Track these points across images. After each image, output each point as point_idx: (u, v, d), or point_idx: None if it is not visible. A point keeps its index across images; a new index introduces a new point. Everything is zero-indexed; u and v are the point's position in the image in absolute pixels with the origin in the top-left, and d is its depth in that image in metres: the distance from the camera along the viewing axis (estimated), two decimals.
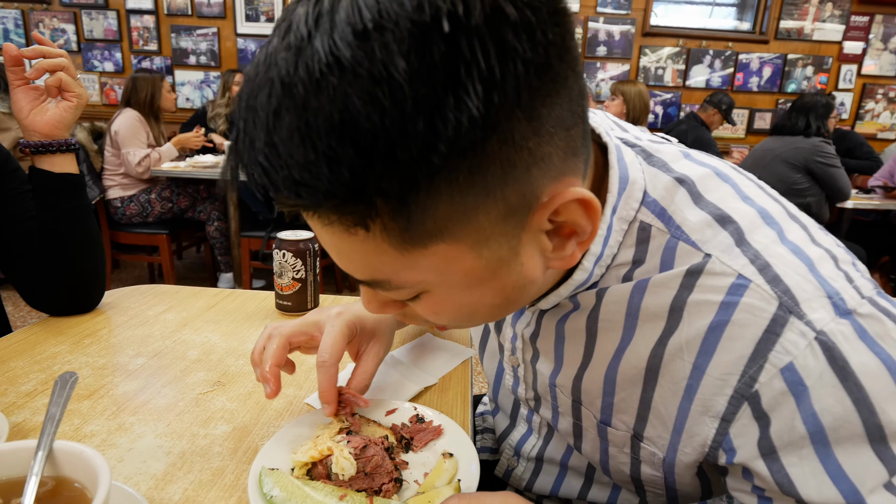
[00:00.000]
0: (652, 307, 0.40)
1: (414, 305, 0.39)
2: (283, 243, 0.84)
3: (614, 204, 0.41)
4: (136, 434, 0.53)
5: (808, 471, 0.35)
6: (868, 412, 0.33)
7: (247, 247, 2.78)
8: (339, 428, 0.51)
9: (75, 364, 0.66)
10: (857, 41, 4.14)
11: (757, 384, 0.35)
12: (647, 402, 0.42)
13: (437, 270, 0.34)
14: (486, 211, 0.32)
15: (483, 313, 0.40)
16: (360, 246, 0.32)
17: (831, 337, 0.34)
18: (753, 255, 0.37)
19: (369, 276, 0.36)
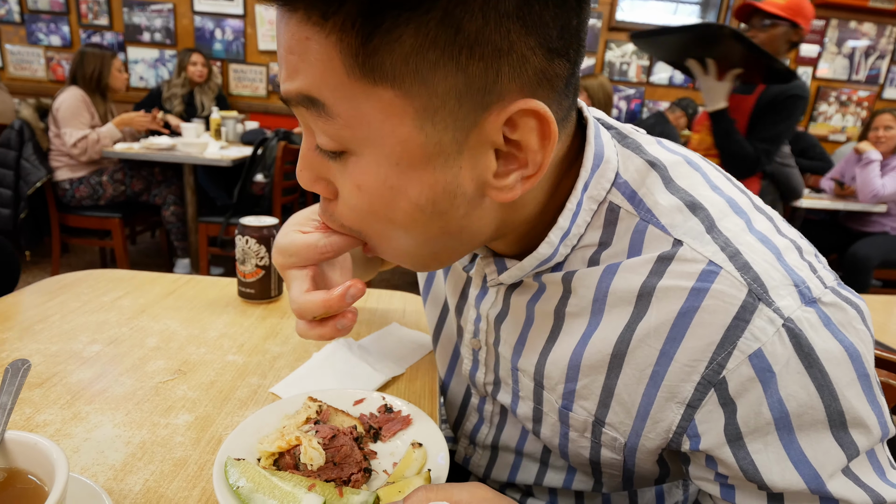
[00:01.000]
0: (620, 292, 0.40)
1: (340, 181, 0.37)
2: (246, 229, 0.82)
3: (587, 180, 0.41)
4: (93, 424, 0.51)
5: (773, 457, 0.35)
6: (830, 398, 0.34)
7: (204, 233, 2.69)
8: (305, 417, 0.50)
9: (25, 351, 0.63)
10: (813, 44, 4.33)
11: (725, 370, 0.36)
12: (610, 389, 0.42)
13: (372, 122, 0.33)
14: (445, 75, 0.31)
15: (401, 216, 0.36)
16: (314, 50, 0.31)
17: (798, 324, 0.34)
18: (724, 242, 0.37)
19: (306, 88, 0.33)
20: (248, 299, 0.84)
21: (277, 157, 2.62)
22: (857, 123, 4.53)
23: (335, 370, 0.64)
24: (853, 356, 0.35)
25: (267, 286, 0.84)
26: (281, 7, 0.32)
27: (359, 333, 0.75)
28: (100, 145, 2.62)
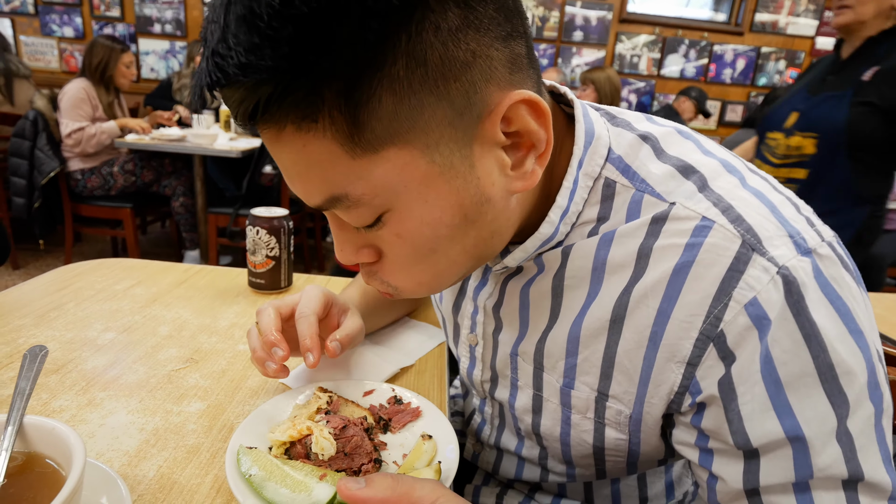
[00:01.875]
0: (618, 258, 0.41)
1: (380, 239, 0.39)
2: (257, 220, 0.82)
3: (581, 157, 0.42)
4: (108, 410, 0.52)
5: (758, 407, 0.35)
6: (819, 349, 0.34)
7: (213, 223, 2.71)
8: (316, 408, 0.51)
9: (41, 338, 0.64)
10: (829, 36, 4.25)
11: (722, 323, 0.35)
12: (611, 358, 0.42)
13: (392, 180, 0.34)
14: (433, 110, 0.33)
15: (442, 243, 0.38)
16: (315, 153, 0.33)
17: (793, 272, 0.34)
18: (716, 198, 0.38)
19: (326, 192, 0.35)
20: (258, 289, 0.85)
21: None
22: None
23: (344, 361, 0.65)
24: (842, 312, 0.34)
25: (277, 277, 0.84)
26: (269, 130, 0.34)
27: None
28: (96, 140, 2.61)
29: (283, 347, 0.51)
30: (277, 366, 0.51)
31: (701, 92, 3.45)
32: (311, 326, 0.52)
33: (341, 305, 0.58)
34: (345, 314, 0.58)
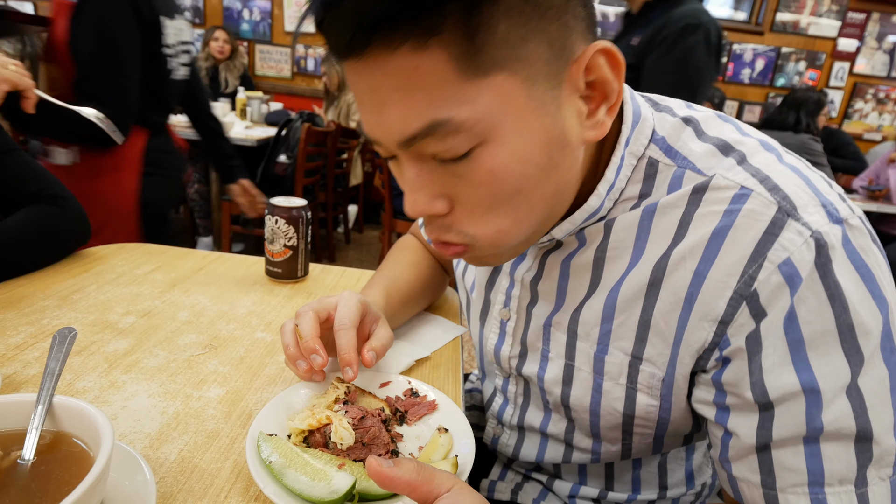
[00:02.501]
0: (660, 227, 0.43)
1: (465, 179, 0.39)
2: (276, 209, 0.82)
3: (628, 135, 0.44)
4: (129, 393, 0.53)
5: (778, 361, 0.37)
6: (842, 309, 0.36)
7: (227, 211, 2.73)
8: (334, 397, 0.51)
9: (65, 319, 0.65)
10: (851, 38, 4.18)
11: (756, 283, 0.37)
12: (647, 321, 0.44)
13: (494, 108, 0.36)
14: (536, 45, 0.35)
15: (528, 183, 0.39)
16: (426, 75, 0.34)
17: (824, 236, 0.36)
18: (755, 170, 0.40)
19: (428, 117, 0.36)
20: (275, 278, 0.85)
21: (301, 138, 2.63)
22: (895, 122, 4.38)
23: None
24: (866, 278, 0.36)
25: (294, 266, 0.85)
26: (380, 52, 0.34)
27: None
28: None
29: (322, 355, 0.51)
30: (308, 368, 0.52)
31: (723, 97, 3.51)
32: (350, 341, 0.52)
33: (374, 314, 0.59)
34: (376, 323, 0.59)
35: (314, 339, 0.52)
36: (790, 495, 0.38)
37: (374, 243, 3.79)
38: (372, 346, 0.55)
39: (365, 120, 0.40)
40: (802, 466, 0.37)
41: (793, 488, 0.38)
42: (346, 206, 3.67)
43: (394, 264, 0.75)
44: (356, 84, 0.38)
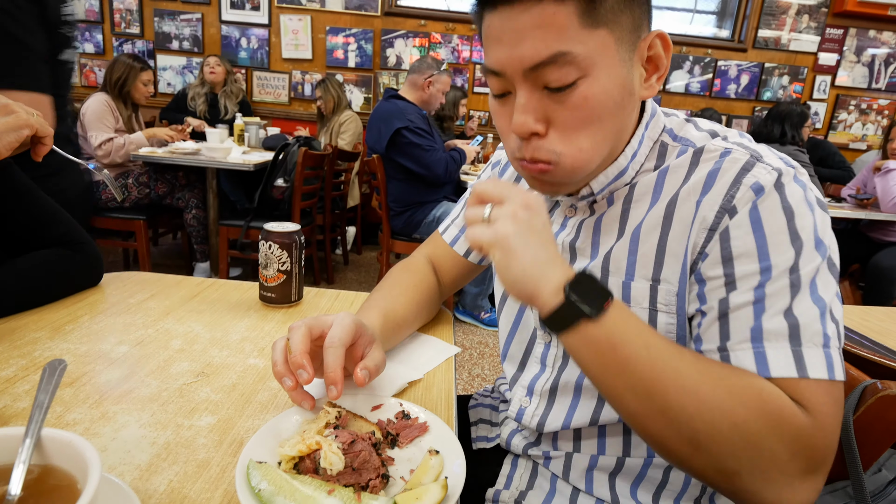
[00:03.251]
0: (671, 179, 0.58)
1: (567, 97, 0.51)
2: (269, 235, 0.83)
3: (647, 121, 0.60)
4: (120, 423, 0.53)
5: (743, 245, 0.50)
6: (790, 216, 0.50)
7: (225, 235, 2.74)
8: (325, 422, 0.51)
9: (56, 351, 0.65)
10: (831, 52, 4.26)
11: (735, 200, 0.51)
12: (663, 245, 0.56)
13: (597, 52, 0.50)
14: (627, 17, 0.51)
15: (608, 112, 0.53)
16: (559, 19, 0.49)
17: (782, 171, 0.51)
18: (734, 142, 0.57)
19: (555, 48, 0.49)
20: (269, 303, 0.86)
21: (298, 162, 2.66)
22: (878, 132, 4.44)
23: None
24: (808, 201, 0.51)
25: (288, 291, 0.86)
26: (528, 3, 0.49)
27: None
28: (124, 150, 2.69)
29: (308, 370, 0.52)
30: (294, 384, 0.52)
31: (719, 120, 3.71)
32: (337, 359, 0.53)
33: (369, 336, 0.60)
34: (371, 345, 0.59)
35: (302, 354, 0.53)
36: (738, 352, 0.49)
37: (373, 264, 3.79)
38: (364, 365, 0.56)
39: (497, 55, 0.52)
40: (749, 326, 0.48)
41: (740, 345, 0.49)
42: (343, 227, 3.68)
43: (393, 285, 0.76)
44: (499, 27, 0.51)
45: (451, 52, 4.21)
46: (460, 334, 2.70)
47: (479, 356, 2.48)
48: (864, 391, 0.60)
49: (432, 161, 2.50)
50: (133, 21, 4.10)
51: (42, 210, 0.82)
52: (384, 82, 4.24)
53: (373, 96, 4.27)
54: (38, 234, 0.81)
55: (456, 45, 4.20)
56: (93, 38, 4.13)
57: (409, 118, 2.49)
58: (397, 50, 4.19)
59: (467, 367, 2.37)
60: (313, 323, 0.57)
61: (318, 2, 4.09)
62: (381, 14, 4.11)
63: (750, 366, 0.47)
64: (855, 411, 0.60)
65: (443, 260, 0.84)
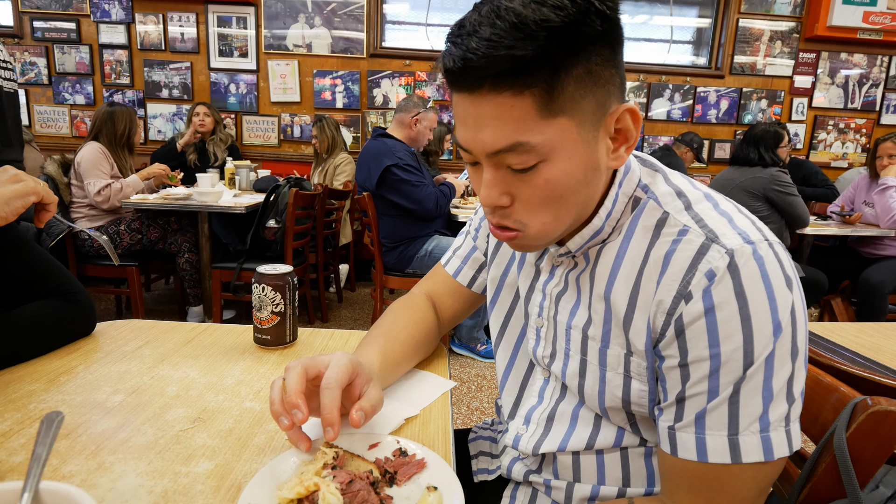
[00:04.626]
0: (635, 247, 0.59)
1: (527, 184, 0.53)
2: (262, 277, 0.84)
3: (620, 181, 0.60)
4: (117, 473, 0.53)
5: (694, 333, 0.52)
6: (742, 302, 0.50)
7: (218, 278, 2.74)
8: (323, 463, 0.52)
9: (52, 402, 0.65)
10: (806, 75, 4.41)
11: (690, 286, 0.52)
12: (629, 323, 0.58)
13: (556, 139, 0.51)
14: (588, 102, 0.51)
15: (569, 192, 0.54)
16: (516, 111, 0.49)
17: (736, 251, 0.51)
18: (694, 215, 0.56)
19: (513, 139, 0.50)
20: (263, 345, 0.86)
21: (289, 202, 2.68)
22: (858, 149, 4.56)
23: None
24: (766, 281, 0.50)
25: (282, 332, 0.86)
26: (489, 94, 0.49)
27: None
28: (122, 194, 2.72)
29: (303, 411, 0.53)
30: (290, 423, 0.53)
31: (701, 143, 3.90)
32: (333, 400, 0.54)
33: (366, 375, 0.61)
34: (368, 384, 0.60)
35: (297, 393, 0.54)
36: (682, 433, 0.53)
37: (367, 301, 3.79)
38: (360, 406, 0.56)
39: (463, 135, 0.54)
40: (695, 412, 0.52)
41: (686, 428, 0.53)
42: (336, 265, 3.69)
43: (392, 323, 0.78)
44: (464, 109, 0.52)
45: (437, 90, 4.32)
46: (457, 367, 2.68)
47: (476, 389, 2.46)
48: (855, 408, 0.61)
49: (422, 196, 2.54)
50: (123, 72, 4.18)
51: (36, 262, 0.83)
52: (372, 121, 4.32)
53: (361, 135, 4.34)
54: (32, 286, 0.82)
55: (441, 82, 4.31)
56: (83, 89, 4.20)
57: (398, 155, 2.54)
58: (384, 89, 4.29)
59: (465, 400, 2.34)
60: (309, 363, 0.57)
61: (305, 46, 4.21)
62: (366, 56, 4.23)
63: (691, 449, 0.53)
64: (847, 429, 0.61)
65: (444, 293, 0.86)
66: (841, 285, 3.13)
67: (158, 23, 4.12)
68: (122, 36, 4.12)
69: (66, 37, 4.10)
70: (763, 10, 4.27)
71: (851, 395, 0.62)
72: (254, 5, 4.11)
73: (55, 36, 4.10)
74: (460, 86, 0.51)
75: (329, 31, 4.18)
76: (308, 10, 4.15)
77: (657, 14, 4.40)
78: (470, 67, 0.48)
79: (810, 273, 2.88)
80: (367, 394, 0.59)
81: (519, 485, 0.73)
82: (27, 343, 0.77)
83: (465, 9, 0.55)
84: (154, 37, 4.14)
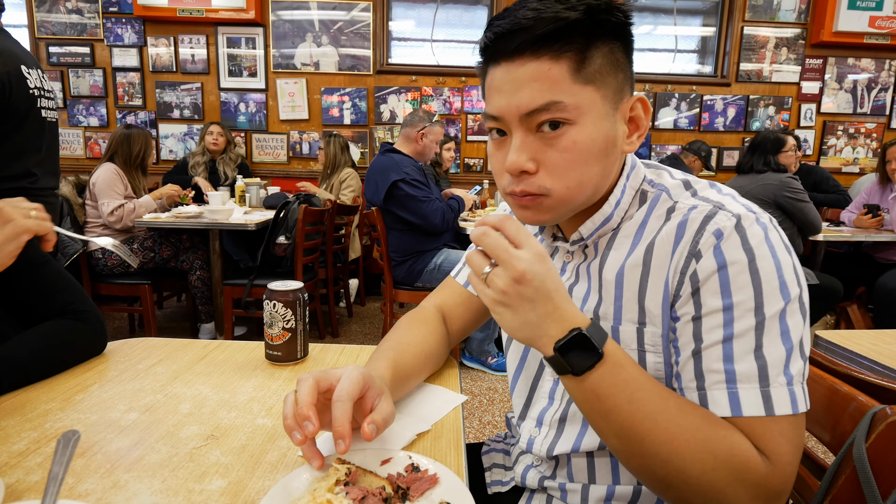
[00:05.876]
0: (648, 229, 0.63)
1: (554, 146, 0.57)
2: (273, 294, 0.85)
3: (628, 174, 0.66)
4: (132, 492, 0.53)
5: (707, 285, 0.55)
6: (751, 257, 0.54)
7: (229, 295, 2.76)
8: (335, 479, 0.52)
9: (67, 421, 0.66)
10: (813, 81, 4.39)
11: (699, 245, 0.57)
12: (644, 290, 0.61)
13: (585, 104, 0.57)
14: (612, 78, 0.58)
15: (592, 156, 0.58)
16: (553, 74, 0.56)
17: (743, 216, 0.56)
18: (702, 197, 0.62)
19: (549, 97, 0.56)
20: (275, 362, 0.87)
21: (299, 219, 2.71)
22: (869, 154, 4.51)
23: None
24: (768, 241, 0.55)
25: (294, 348, 0.86)
26: (528, 58, 0.56)
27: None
28: (135, 214, 2.77)
29: (314, 422, 0.53)
30: (302, 437, 0.53)
31: (709, 151, 3.90)
32: (344, 413, 0.54)
33: (378, 388, 0.60)
34: (379, 397, 0.60)
35: (308, 405, 0.53)
36: (715, 391, 0.54)
37: (377, 315, 3.79)
38: (372, 419, 0.56)
39: (497, 102, 0.58)
40: (721, 365, 0.54)
41: (716, 385, 0.54)
42: (346, 280, 3.70)
43: (402, 336, 0.78)
44: (502, 76, 0.57)
45: (444, 104, 4.35)
46: (469, 381, 2.66)
47: (488, 403, 2.44)
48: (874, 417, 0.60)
49: (429, 211, 2.55)
50: (136, 94, 4.27)
51: (48, 282, 0.84)
52: (379, 137, 4.36)
53: (369, 151, 4.38)
54: (43, 305, 0.83)
55: (447, 96, 4.34)
56: (97, 111, 4.29)
57: (405, 170, 2.55)
58: (391, 105, 4.33)
59: (477, 414, 2.33)
60: (321, 376, 0.58)
61: (313, 65, 4.27)
62: (373, 72, 4.28)
63: (724, 405, 0.53)
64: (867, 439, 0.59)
65: (455, 305, 0.86)
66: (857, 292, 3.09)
67: (169, 45, 4.20)
68: (135, 59, 4.21)
69: (81, 61, 4.20)
70: (768, 18, 4.28)
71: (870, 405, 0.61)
72: (262, 26, 4.19)
73: (70, 60, 4.20)
74: (502, 53, 0.57)
75: (336, 49, 4.25)
76: (315, 30, 4.22)
77: (661, 24, 4.42)
78: (518, 30, 0.55)
79: (825, 280, 2.83)
80: (378, 407, 0.59)
81: (534, 492, 0.72)
82: (40, 364, 0.78)
83: (469, 25, 0.58)
84: (165, 59, 4.22)
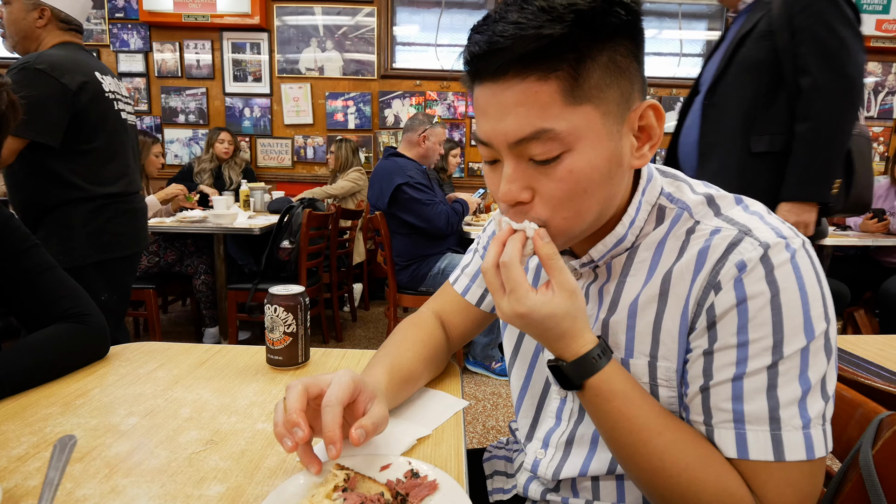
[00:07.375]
0: (666, 253, 0.58)
1: (552, 170, 0.52)
2: (274, 298, 0.85)
3: (644, 188, 0.60)
4: (130, 497, 0.53)
5: (724, 320, 0.51)
6: (775, 292, 0.50)
7: (233, 299, 2.76)
8: (333, 485, 0.51)
9: (67, 426, 0.66)
10: None
11: (720, 276, 0.52)
12: (659, 323, 0.57)
13: (581, 128, 0.50)
14: (612, 92, 0.51)
15: (593, 184, 0.52)
16: (542, 97, 0.49)
17: (771, 245, 0.51)
18: (726, 217, 0.56)
19: (538, 125, 0.50)
20: (276, 366, 0.86)
21: (303, 223, 2.71)
22: (877, 158, 4.49)
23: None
24: (798, 275, 0.50)
25: (295, 353, 0.86)
26: (513, 79, 0.49)
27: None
28: None
29: (303, 428, 0.52)
30: (293, 444, 0.52)
31: None
32: (334, 418, 0.53)
33: (370, 392, 0.60)
34: (372, 401, 0.59)
35: (297, 411, 0.53)
36: (721, 430, 0.52)
37: (381, 319, 3.79)
38: (361, 424, 0.55)
39: (484, 127, 0.53)
40: (730, 404, 0.51)
41: (724, 424, 0.51)
42: (350, 284, 3.71)
43: (401, 341, 0.77)
44: (486, 100, 0.52)
45: (448, 108, 4.36)
46: (472, 386, 2.65)
47: (492, 407, 2.43)
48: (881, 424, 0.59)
49: (433, 215, 2.55)
50: (141, 99, 4.30)
51: (50, 288, 0.85)
52: (384, 141, 4.37)
53: (373, 155, 4.39)
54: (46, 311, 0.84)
55: (451, 101, 4.35)
56: None
57: (409, 174, 2.56)
58: (395, 109, 4.35)
59: (481, 419, 2.32)
60: (311, 382, 0.57)
61: (317, 70, 4.29)
62: (377, 77, 4.29)
63: (730, 446, 0.51)
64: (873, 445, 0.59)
65: (453, 312, 0.84)
66: (864, 296, 3.06)
67: (175, 51, 4.24)
68: (140, 64, 4.25)
69: None
70: None
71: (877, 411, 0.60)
72: (267, 31, 4.22)
73: None
74: (484, 74, 0.51)
75: (340, 54, 4.27)
76: (320, 35, 4.24)
77: (666, 28, 4.41)
78: (496, 50, 0.48)
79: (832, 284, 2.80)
80: (370, 411, 0.58)
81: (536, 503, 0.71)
82: (40, 368, 0.78)
83: None
84: (171, 64, 4.25)
